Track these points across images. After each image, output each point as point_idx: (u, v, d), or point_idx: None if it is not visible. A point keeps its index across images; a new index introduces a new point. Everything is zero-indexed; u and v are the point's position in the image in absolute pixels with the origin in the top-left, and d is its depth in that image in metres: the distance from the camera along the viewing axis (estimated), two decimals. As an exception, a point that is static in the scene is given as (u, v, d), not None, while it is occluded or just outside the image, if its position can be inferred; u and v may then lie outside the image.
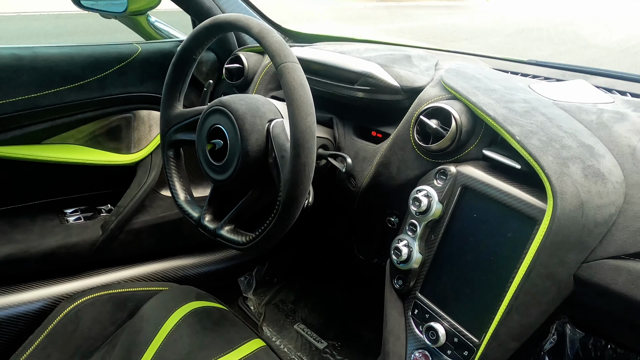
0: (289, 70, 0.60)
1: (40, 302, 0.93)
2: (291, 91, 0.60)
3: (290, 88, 0.60)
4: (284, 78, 0.60)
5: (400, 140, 0.75)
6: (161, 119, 0.83)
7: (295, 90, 0.60)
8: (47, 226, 0.99)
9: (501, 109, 0.65)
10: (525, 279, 0.55)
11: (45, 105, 0.91)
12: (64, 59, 0.92)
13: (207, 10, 0.98)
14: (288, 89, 0.60)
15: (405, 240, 0.70)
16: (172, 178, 0.83)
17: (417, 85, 0.77)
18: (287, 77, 0.60)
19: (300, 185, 0.61)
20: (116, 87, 0.99)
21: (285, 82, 0.60)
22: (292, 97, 0.60)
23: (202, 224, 0.78)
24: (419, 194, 0.68)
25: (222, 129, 0.70)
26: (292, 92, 0.59)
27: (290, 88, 0.60)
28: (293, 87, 0.60)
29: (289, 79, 0.60)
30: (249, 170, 0.68)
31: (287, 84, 0.60)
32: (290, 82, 0.60)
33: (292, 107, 0.60)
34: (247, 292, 1.27)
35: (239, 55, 1.02)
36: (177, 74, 0.80)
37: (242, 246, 0.70)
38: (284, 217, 0.64)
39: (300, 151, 0.60)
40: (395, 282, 0.73)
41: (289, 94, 0.60)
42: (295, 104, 0.59)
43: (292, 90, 0.60)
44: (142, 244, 1.08)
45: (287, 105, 0.60)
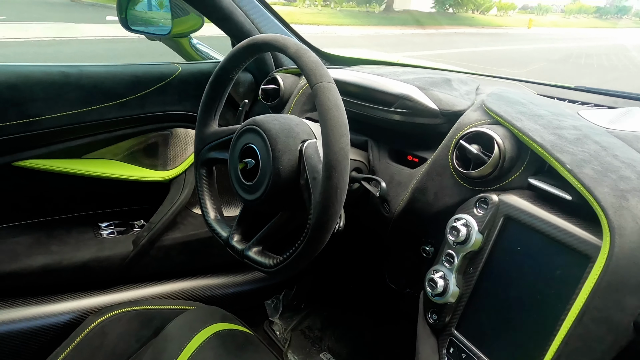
0: (324, 90, 0.59)
1: (70, 314, 0.94)
2: (326, 111, 0.58)
3: (324, 108, 0.58)
4: (319, 98, 0.59)
5: (439, 165, 0.72)
6: (196, 137, 0.83)
7: (330, 111, 0.58)
8: (82, 239, 1.01)
9: (549, 135, 0.60)
10: (577, 323, 0.49)
11: (88, 121, 0.94)
12: (108, 77, 0.96)
13: (247, 32, 1.00)
14: (322, 109, 0.58)
15: (442, 272, 0.66)
16: (203, 196, 0.83)
17: (457, 109, 0.74)
18: (322, 97, 0.58)
19: (331, 209, 0.59)
20: (155, 105, 1.01)
21: (320, 102, 0.58)
22: (327, 118, 0.58)
23: (230, 244, 0.76)
24: (458, 222, 0.64)
25: (254, 148, 0.69)
26: (327, 113, 0.58)
27: (325, 108, 0.58)
28: (328, 107, 0.58)
29: (323, 99, 0.58)
30: (280, 191, 0.67)
31: (321, 104, 0.58)
32: (324, 102, 0.58)
33: (325, 127, 0.58)
34: (273, 316, 1.24)
35: (275, 76, 1.02)
36: (213, 93, 0.80)
37: (268, 269, 0.68)
38: (313, 241, 0.61)
39: (332, 173, 0.57)
40: (430, 317, 0.68)
41: (323, 114, 0.58)
42: (329, 125, 0.58)
43: (326, 110, 0.58)
44: (172, 261, 1.08)
45: (321, 126, 0.58)
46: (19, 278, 0.92)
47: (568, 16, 30.11)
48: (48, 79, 0.90)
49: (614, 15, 31.82)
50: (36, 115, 0.89)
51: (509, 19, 24.01)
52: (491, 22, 21.50)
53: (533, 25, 21.42)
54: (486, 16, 23.30)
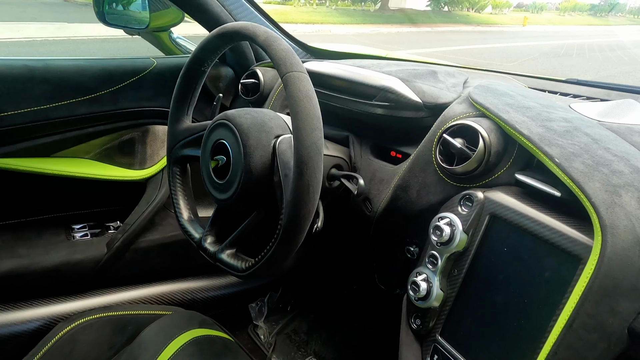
0: (295, 80, 0.55)
1: (38, 321, 0.89)
2: (296, 103, 0.54)
3: (295, 100, 0.54)
4: (289, 89, 0.55)
5: (421, 161, 0.68)
6: (168, 133, 0.79)
7: (300, 102, 0.54)
8: (53, 242, 0.96)
9: (537, 127, 0.56)
10: (567, 330, 0.45)
11: (56, 118, 0.89)
12: (76, 71, 0.91)
13: (223, 22, 0.96)
14: (293, 100, 0.54)
15: (425, 274, 0.62)
16: (176, 195, 0.79)
17: (441, 102, 0.70)
18: (292, 87, 0.54)
19: (304, 208, 0.55)
20: (129, 101, 0.96)
21: (290, 93, 0.54)
22: (297, 110, 0.54)
23: (202, 246, 0.72)
24: (441, 222, 0.60)
25: (225, 144, 0.65)
26: (297, 104, 0.54)
27: (296, 100, 0.54)
28: (298, 98, 0.54)
29: (294, 89, 0.54)
30: (253, 189, 0.63)
31: (291, 95, 0.54)
32: (295, 93, 0.54)
33: (296, 120, 0.54)
34: (257, 319, 1.20)
35: (255, 70, 0.98)
36: (185, 86, 0.76)
37: (240, 273, 0.64)
38: (286, 242, 0.57)
39: (304, 169, 0.53)
40: (413, 322, 0.64)
41: (293, 106, 0.54)
42: (300, 117, 0.53)
43: (297, 102, 0.54)
44: (149, 264, 1.03)
45: (292, 119, 0.54)
46: None
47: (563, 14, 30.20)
48: (11, 73, 0.85)
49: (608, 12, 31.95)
50: None
51: (504, 17, 24.06)
52: (486, 20, 21.52)
53: (528, 23, 21.45)
54: (481, 14, 23.33)
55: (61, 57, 0.92)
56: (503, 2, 25.97)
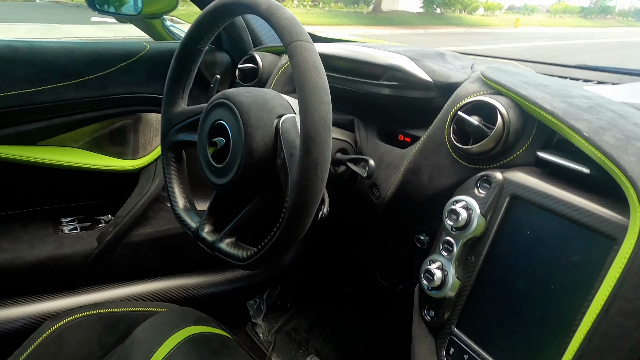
0: (301, 50, 0.50)
1: (23, 319, 0.84)
2: (302, 74, 0.50)
3: (301, 70, 0.50)
4: (295, 59, 0.50)
5: (433, 143, 0.64)
6: (162, 117, 0.74)
7: (307, 73, 0.50)
8: (39, 235, 0.90)
9: (560, 103, 0.53)
10: (603, 316, 0.41)
11: (41, 102, 0.84)
12: (63, 53, 0.86)
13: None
14: (299, 71, 0.50)
15: (439, 262, 0.58)
16: (171, 183, 0.74)
17: (452, 81, 0.67)
18: (298, 57, 0.50)
19: (311, 189, 0.50)
20: (119, 86, 0.91)
21: (296, 63, 0.50)
22: (304, 81, 0.49)
23: (200, 236, 0.68)
24: (457, 205, 0.56)
25: (224, 124, 0.61)
26: (304, 75, 0.49)
27: (302, 70, 0.50)
28: (305, 68, 0.50)
29: (300, 59, 0.50)
30: (254, 172, 0.58)
31: (297, 65, 0.50)
32: (301, 64, 0.50)
33: (303, 92, 0.49)
34: (256, 317, 1.15)
35: (253, 55, 0.94)
36: (180, 67, 0.72)
37: (241, 262, 0.60)
38: (291, 227, 0.53)
39: (311, 146, 0.49)
40: (426, 313, 0.60)
41: (299, 78, 0.50)
42: (307, 89, 0.49)
43: (303, 72, 0.50)
44: (142, 259, 0.98)
45: (298, 91, 0.50)
46: None
47: (554, 16, 30.51)
48: None
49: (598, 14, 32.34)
50: None
51: (495, 19, 24.25)
52: (479, 21, 21.66)
53: (520, 24, 21.61)
54: (473, 16, 23.48)
55: (48, 40, 0.87)
56: (495, 4, 26.16)
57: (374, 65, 0.71)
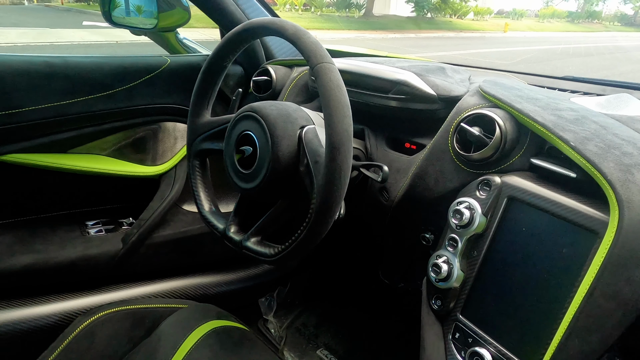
0: (326, 71, 0.58)
1: (57, 316, 0.89)
2: (328, 92, 0.57)
3: (327, 89, 0.57)
4: (321, 78, 0.58)
5: (438, 150, 0.71)
6: (188, 127, 0.81)
7: (332, 92, 0.57)
8: (68, 237, 0.97)
9: (549, 115, 0.60)
10: (587, 299, 0.49)
11: (73, 113, 0.90)
12: (94, 68, 0.92)
13: (237, 22, 0.98)
14: (325, 89, 0.57)
15: (445, 257, 0.65)
16: (197, 188, 0.81)
17: (454, 95, 0.74)
18: (324, 77, 0.57)
19: (336, 192, 0.57)
20: (143, 98, 0.98)
21: (322, 82, 0.57)
22: (329, 98, 0.57)
23: (227, 236, 0.74)
24: (460, 206, 0.63)
25: (252, 135, 0.67)
26: (329, 93, 0.57)
27: (328, 89, 0.57)
28: (330, 87, 0.57)
29: (325, 79, 0.57)
30: (279, 177, 0.65)
31: (323, 84, 0.57)
32: (327, 83, 0.57)
33: (329, 108, 0.57)
34: (267, 314, 1.22)
35: (267, 67, 1.01)
36: (206, 81, 0.78)
37: (269, 258, 0.66)
38: (317, 225, 0.60)
39: (336, 155, 0.56)
40: (434, 303, 0.68)
41: (325, 95, 0.57)
42: (332, 105, 0.56)
43: (329, 91, 0.57)
44: (162, 258, 1.05)
45: (324, 107, 0.57)
46: (0, 279, 0.87)
47: (542, 20, 30.93)
48: (32, 69, 0.86)
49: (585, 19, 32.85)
50: (19, 106, 0.85)
51: (485, 23, 24.53)
52: (469, 26, 21.92)
53: (509, 29, 21.93)
54: (464, 20, 23.75)
55: (79, 55, 0.93)
56: (484, 9, 26.50)
57: (383, 80, 0.78)
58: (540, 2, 29.43)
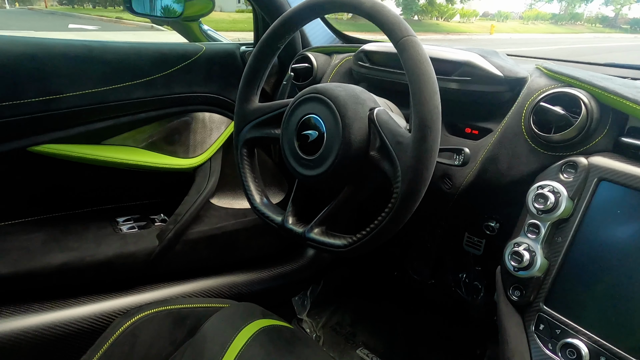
0: (412, 45, 0.54)
1: (95, 318, 0.84)
2: (417, 66, 0.53)
3: (415, 63, 0.53)
4: (408, 52, 0.54)
5: (511, 132, 0.68)
6: (237, 114, 0.76)
7: (421, 66, 0.53)
8: (102, 234, 0.91)
9: (636, 93, 0.58)
10: None
11: (113, 101, 0.85)
12: (132, 53, 0.87)
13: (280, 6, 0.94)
14: (413, 63, 0.54)
15: (525, 244, 0.62)
16: (246, 179, 0.76)
17: (520, 76, 0.71)
18: (411, 51, 0.54)
19: (425, 173, 0.54)
20: (182, 86, 0.93)
21: (410, 56, 0.54)
22: (418, 73, 0.53)
23: (286, 228, 0.70)
24: (544, 189, 0.60)
25: (317, 118, 0.64)
26: (418, 67, 0.53)
27: (416, 63, 0.53)
28: (419, 61, 0.53)
29: (413, 53, 0.54)
30: (349, 163, 0.61)
31: (411, 58, 0.54)
32: (414, 57, 0.54)
33: (418, 84, 0.53)
34: (301, 313, 1.17)
35: (307, 54, 0.97)
36: (258, 63, 0.74)
37: (341, 249, 0.62)
38: (401, 211, 0.56)
39: (427, 133, 0.53)
40: (511, 293, 0.64)
41: (414, 70, 0.54)
42: (422, 80, 0.53)
43: (417, 65, 0.53)
44: (198, 256, 1.00)
45: (412, 83, 0.54)
46: (35, 279, 0.81)
47: (527, 22, 31.47)
48: (71, 52, 0.81)
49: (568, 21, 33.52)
50: (57, 92, 0.79)
51: (471, 25, 24.87)
52: (455, 28, 22.18)
53: (495, 31, 22.24)
54: (450, 23, 24.03)
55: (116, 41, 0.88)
56: (470, 11, 26.86)
57: (445, 62, 0.75)
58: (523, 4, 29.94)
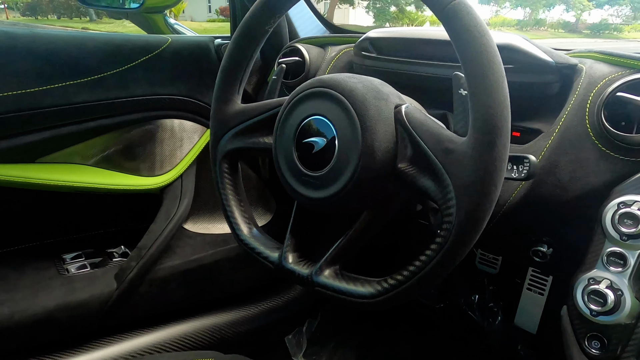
0: (464, 13, 0.38)
1: None
2: (474, 40, 0.38)
3: (472, 36, 0.38)
4: (459, 23, 0.38)
5: (572, 134, 0.53)
6: (213, 119, 0.59)
7: (482, 39, 0.38)
8: (41, 279, 0.70)
9: None
10: None
11: (48, 106, 0.64)
12: (74, 44, 0.67)
13: None
14: (469, 36, 0.38)
15: (607, 279, 0.47)
16: (229, 203, 0.59)
17: (572, 62, 0.57)
18: (465, 20, 0.38)
19: (493, 194, 0.38)
20: (140, 86, 0.74)
21: (463, 27, 0.38)
22: (479, 50, 0.38)
23: (286, 269, 0.52)
24: (631, 207, 0.45)
25: (324, 121, 0.47)
26: (476, 42, 0.38)
27: (473, 36, 0.38)
28: (478, 33, 0.38)
29: (467, 23, 0.38)
30: (371, 180, 0.45)
31: (466, 29, 0.38)
32: (471, 28, 0.38)
33: (478, 65, 0.38)
34: (297, 354, 0.99)
35: (296, 47, 0.80)
36: (239, 54, 0.57)
37: (369, 299, 0.45)
38: (458, 246, 0.40)
39: (496, 137, 0.37)
40: (588, 346, 0.49)
41: (470, 45, 0.38)
42: (483, 60, 0.37)
43: (475, 38, 0.38)
44: (170, 297, 0.80)
45: (467, 66, 0.39)
46: None
47: (493, 28, 32.31)
48: None
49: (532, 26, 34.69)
50: None
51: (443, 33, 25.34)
52: (426, 35, 22.50)
53: (464, 37, 22.67)
54: (420, 30, 24.41)
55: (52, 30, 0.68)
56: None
57: None
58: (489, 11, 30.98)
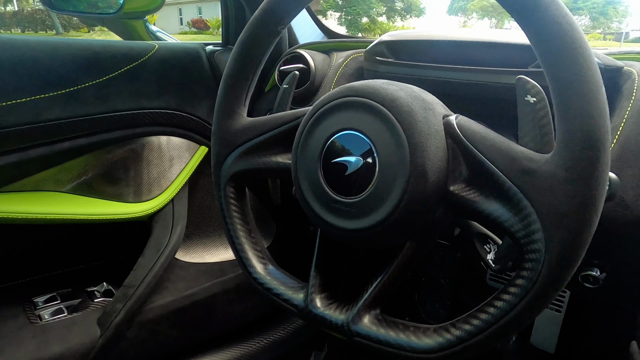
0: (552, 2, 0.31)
1: None
2: (564, 33, 0.30)
3: (564, 29, 0.30)
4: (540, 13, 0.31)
5: (634, 144, 0.47)
6: (216, 135, 0.51)
7: (574, 34, 0.30)
8: (9, 330, 0.59)
9: None
10: None
11: (13, 125, 0.54)
12: (44, 51, 0.57)
13: None
14: (559, 30, 0.30)
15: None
16: (237, 234, 0.50)
17: (619, 65, 0.51)
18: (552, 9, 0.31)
19: (593, 224, 0.31)
20: (124, 99, 0.63)
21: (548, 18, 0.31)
22: (571, 46, 0.30)
23: (314, 315, 0.44)
24: None
25: (360, 137, 0.39)
26: (565, 36, 0.30)
27: (565, 29, 0.30)
28: (569, 27, 0.30)
29: (557, 14, 0.31)
30: (421, 205, 0.37)
31: (550, 20, 0.31)
32: (554, 18, 0.31)
33: (571, 64, 0.30)
34: (303, 392, 0.89)
35: (299, 53, 0.72)
36: (245, 60, 0.49)
37: (430, 354, 0.37)
38: (549, 287, 0.33)
39: (599, 153, 0.30)
40: None
41: (561, 40, 0.30)
42: (578, 59, 0.30)
43: (566, 34, 0.30)
44: (162, 340, 0.70)
45: (557, 62, 0.31)
46: None
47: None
48: None
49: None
50: None
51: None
52: (398, 45, 23.06)
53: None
54: (392, 40, 25.02)
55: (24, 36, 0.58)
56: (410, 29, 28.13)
57: (519, 48, 0.53)
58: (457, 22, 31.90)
